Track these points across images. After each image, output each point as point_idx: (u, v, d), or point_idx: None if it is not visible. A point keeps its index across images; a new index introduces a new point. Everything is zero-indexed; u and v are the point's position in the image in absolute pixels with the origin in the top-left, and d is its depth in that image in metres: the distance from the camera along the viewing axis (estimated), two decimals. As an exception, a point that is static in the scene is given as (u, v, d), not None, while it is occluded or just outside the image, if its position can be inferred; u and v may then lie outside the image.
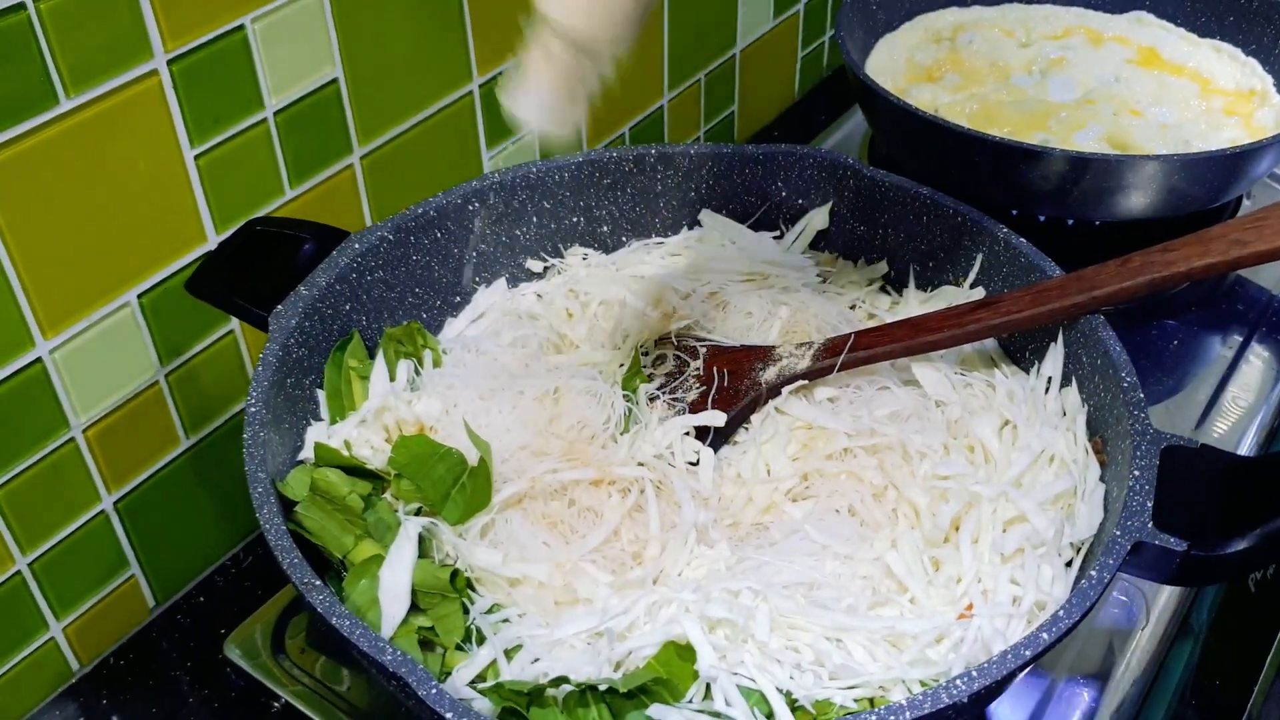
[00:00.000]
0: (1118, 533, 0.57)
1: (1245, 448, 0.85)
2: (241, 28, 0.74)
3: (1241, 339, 0.93)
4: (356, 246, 0.73)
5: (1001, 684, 0.53)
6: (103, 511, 0.77)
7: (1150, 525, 0.58)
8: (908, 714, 0.50)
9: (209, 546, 0.86)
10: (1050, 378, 0.71)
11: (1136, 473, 0.60)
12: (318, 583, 0.56)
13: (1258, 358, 0.91)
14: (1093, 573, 0.56)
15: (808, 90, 1.33)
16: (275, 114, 0.78)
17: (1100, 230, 0.96)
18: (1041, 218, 0.95)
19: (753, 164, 0.82)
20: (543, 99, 0.58)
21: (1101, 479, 0.65)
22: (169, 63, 0.71)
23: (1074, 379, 0.70)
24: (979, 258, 0.76)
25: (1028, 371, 0.73)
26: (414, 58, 0.87)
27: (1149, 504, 0.58)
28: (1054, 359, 0.71)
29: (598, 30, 0.57)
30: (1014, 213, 0.94)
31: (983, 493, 0.63)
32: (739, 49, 1.19)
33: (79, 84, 0.67)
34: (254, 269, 0.71)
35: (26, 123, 0.65)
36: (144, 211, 0.73)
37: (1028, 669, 0.56)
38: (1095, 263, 0.69)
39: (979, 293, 0.76)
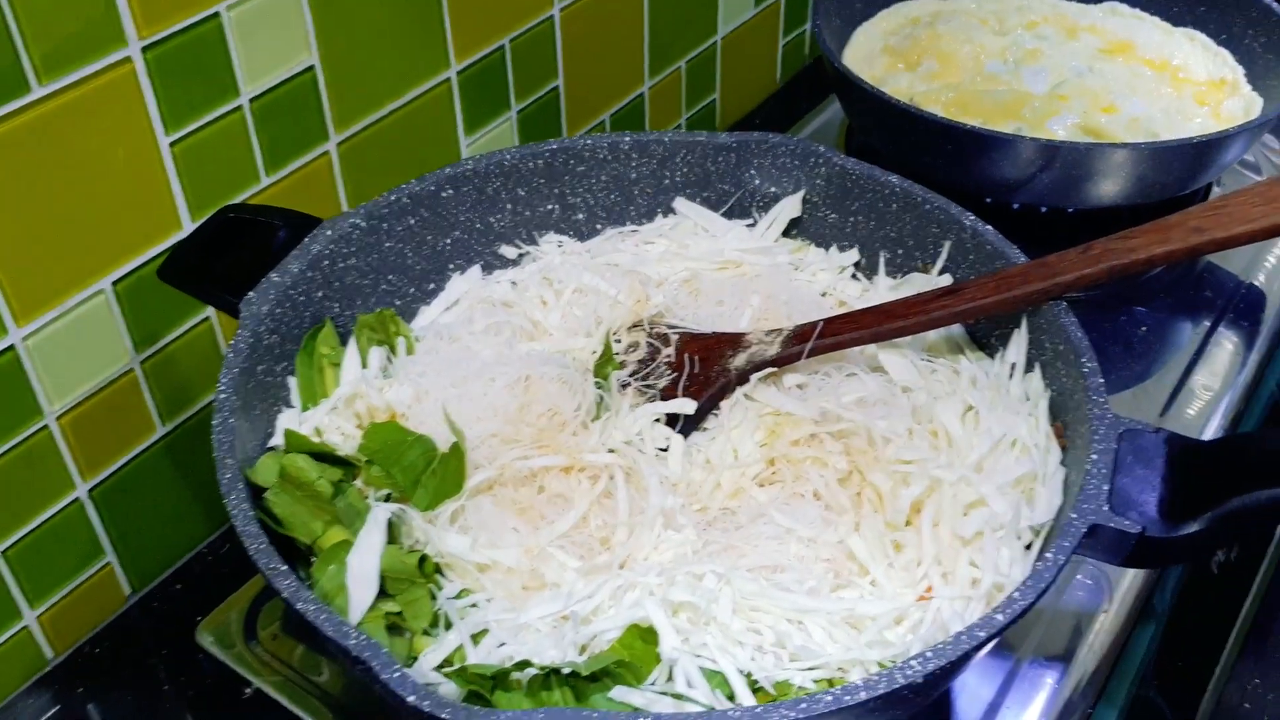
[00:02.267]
0: (1074, 516, 0.58)
1: (1211, 432, 0.86)
2: (216, 15, 0.74)
3: (1209, 324, 0.94)
4: (329, 233, 0.73)
5: (956, 664, 0.54)
6: (77, 499, 0.78)
7: (1106, 508, 0.59)
8: (863, 694, 0.51)
9: (186, 534, 0.86)
10: (1014, 363, 0.71)
11: (1094, 456, 0.60)
12: (284, 568, 0.57)
13: (1226, 342, 0.92)
14: (1049, 555, 0.57)
15: (790, 78, 1.34)
16: (251, 101, 0.79)
17: (1073, 217, 0.97)
18: (1015, 205, 0.96)
19: (726, 152, 0.82)
20: None
21: (1062, 463, 0.66)
22: (143, 50, 0.71)
23: (1037, 365, 0.70)
24: (947, 245, 0.76)
25: (993, 357, 0.74)
26: (391, 45, 0.87)
27: (1105, 488, 0.59)
28: (1018, 345, 0.71)
29: None
30: (988, 200, 0.95)
31: (944, 477, 0.64)
32: (720, 36, 1.20)
33: (51, 71, 0.67)
34: (226, 256, 0.72)
35: (-3, 110, 0.65)
36: (118, 199, 0.73)
37: (986, 650, 0.57)
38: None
39: (946, 279, 0.76)
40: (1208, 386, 0.89)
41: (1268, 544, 0.90)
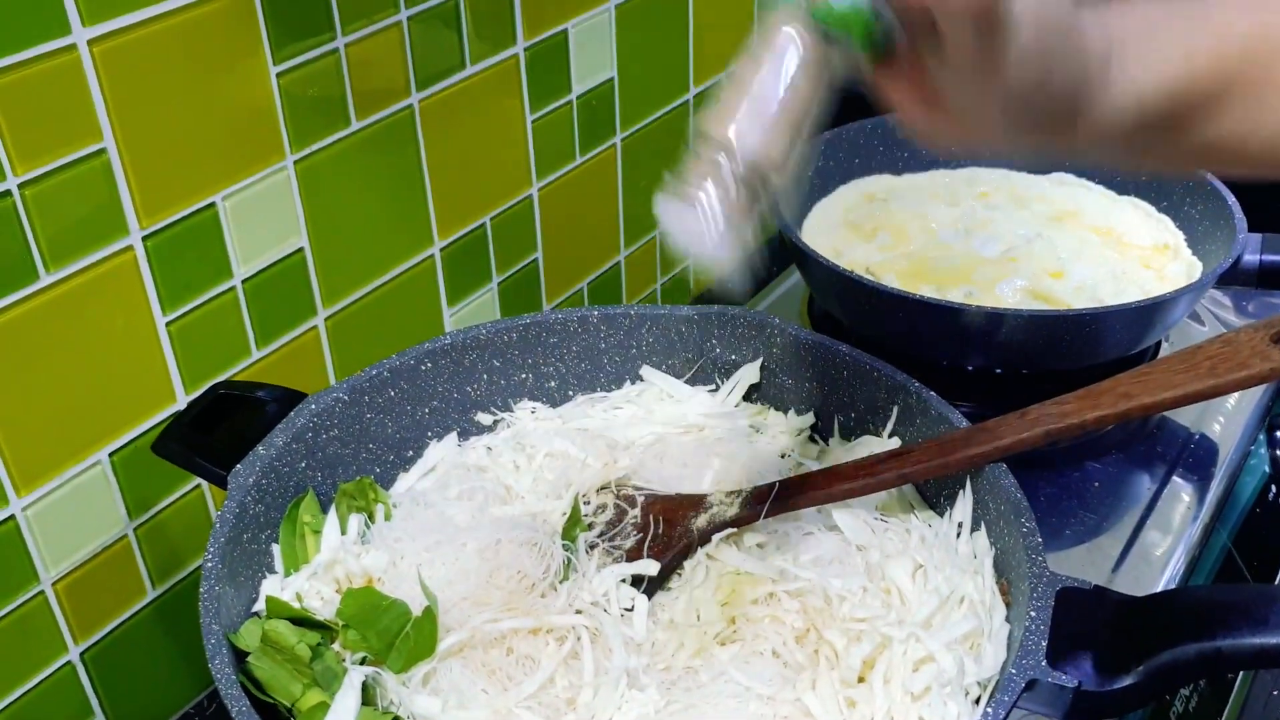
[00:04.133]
0: (1013, 671, 0.61)
1: (1163, 585, 0.89)
2: (212, 205, 0.80)
3: (1162, 478, 0.97)
4: (313, 407, 0.78)
5: (900, 819, 0.56)
6: (69, 662, 0.80)
7: (1044, 664, 0.62)
8: None
9: (174, 694, 0.88)
10: (961, 522, 0.75)
11: (1033, 613, 0.64)
12: (262, 731, 0.60)
13: (1176, 496, 0.96)
14: (988, 710, 0.60)
15: (762, 243, 1.40)
16: (243, 282, 0.84)
17: (1028, 378, 1.01)
18: (970, 367, 1.00)
19: (688, 324, 0.88)
20: (703, 224, 0.57)
21: (1007, 619, 0.69)
22: (144, 238, 0.76)
23: (983, 524, 0.74)
24: (895, 409, 0.81)
25: (942, 515, 0.78)
26: (377, 225, 0.93)
27: (1043, 643, 0.62)
28: (964, 504, 0.75)
29: (768, 152, 0.55)
30: (944, 362, 1.00)
31: (893, 634, 0.67)
32: (692, 207, 1.26)
33: (58, 260, 0.72)
34: (217, 431, 0.76)
35: (7, 297, 0.70)
36: (117, 375, 0.78)
37: (933, 805, 0.59)
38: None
39: (895, 441, 0.81)
40: (1159, 541, 0.92)
41: (1227, 696, 0.92)
